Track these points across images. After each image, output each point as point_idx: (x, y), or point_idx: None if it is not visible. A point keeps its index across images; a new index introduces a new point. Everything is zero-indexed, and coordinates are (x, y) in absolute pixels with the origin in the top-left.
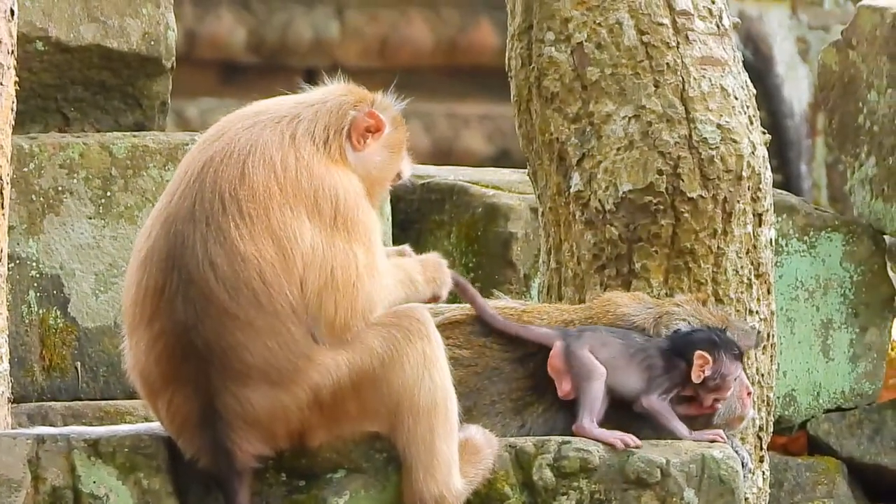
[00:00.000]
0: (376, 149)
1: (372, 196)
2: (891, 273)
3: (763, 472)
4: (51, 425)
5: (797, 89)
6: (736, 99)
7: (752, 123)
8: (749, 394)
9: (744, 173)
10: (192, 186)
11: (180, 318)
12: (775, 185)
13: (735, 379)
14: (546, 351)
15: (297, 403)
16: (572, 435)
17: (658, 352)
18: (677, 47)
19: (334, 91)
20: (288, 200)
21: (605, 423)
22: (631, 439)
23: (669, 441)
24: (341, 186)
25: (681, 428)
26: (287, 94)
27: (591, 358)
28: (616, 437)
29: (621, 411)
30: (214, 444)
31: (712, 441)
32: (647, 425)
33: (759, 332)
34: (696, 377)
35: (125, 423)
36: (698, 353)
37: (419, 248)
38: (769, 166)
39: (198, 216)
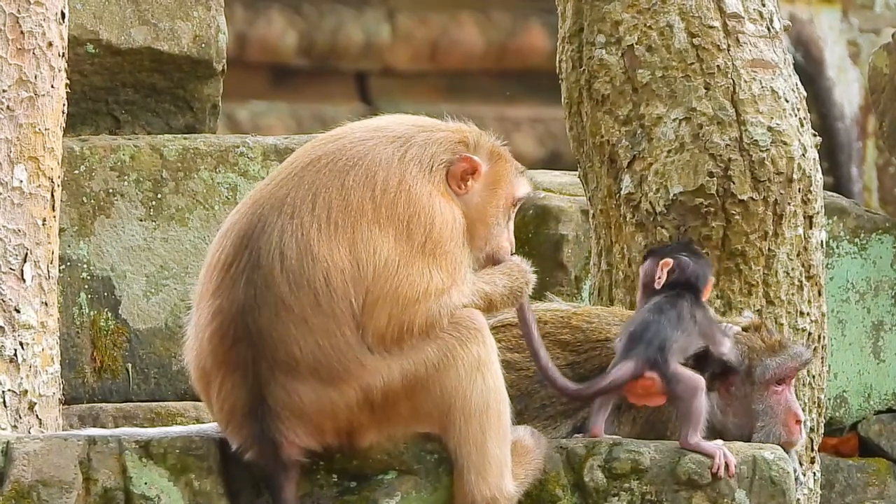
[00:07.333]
0: (478, 189)
1: (473, 233)
2: None
3: (814, 474)
4: (102, 427)
5: (848, 92)
6: (787, 101)
7: (802, 126)
8: (798, 421)
9: (794, 175)
10: (292, 179)
11: (239, 297)
12: (826, 187)
13: (704, 278)
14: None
15: (346, 401)
16: (620, 436)
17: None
18: (728, 50)
19: (445, 125)
20: (379, 220)
21: None
22: (730, 460)
23: (722, 443)
24: (439, 216)
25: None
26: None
27: (688, 374)
28: (720, 451)
29: None
30: (261, 435)
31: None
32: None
33: (804, 354)
34: (658, 283)
35: (176, 424)
36: (662, 261)
37: None
38: (820, 168)
39: (286, 207)
